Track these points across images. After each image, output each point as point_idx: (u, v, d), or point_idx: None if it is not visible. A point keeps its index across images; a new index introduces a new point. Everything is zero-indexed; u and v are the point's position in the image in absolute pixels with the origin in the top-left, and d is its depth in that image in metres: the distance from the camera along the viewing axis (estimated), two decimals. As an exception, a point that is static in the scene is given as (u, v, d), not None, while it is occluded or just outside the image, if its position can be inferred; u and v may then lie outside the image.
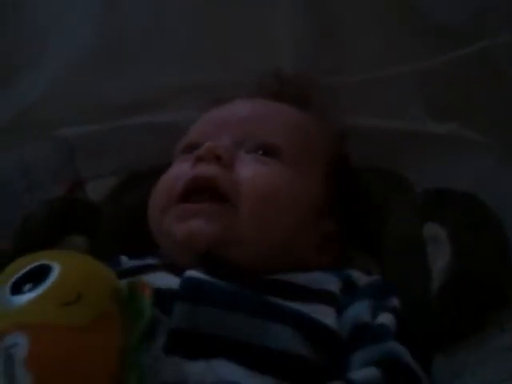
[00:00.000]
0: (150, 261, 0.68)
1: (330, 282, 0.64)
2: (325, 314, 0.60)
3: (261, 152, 0.70)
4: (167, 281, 0.60)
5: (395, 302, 0.63)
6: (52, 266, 0.49)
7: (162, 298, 0.55)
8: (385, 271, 0.72)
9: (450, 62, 0.81)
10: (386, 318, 0.60)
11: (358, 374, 0.54)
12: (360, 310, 0.61)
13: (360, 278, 0.66)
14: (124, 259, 0.69)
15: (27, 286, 0.48)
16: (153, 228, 0.71)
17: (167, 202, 0.68)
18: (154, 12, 0.87)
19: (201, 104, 0.80)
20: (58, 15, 0.87)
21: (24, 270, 0.50)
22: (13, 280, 0.49)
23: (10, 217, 0.77)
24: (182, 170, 0.69)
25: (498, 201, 0.70)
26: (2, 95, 0.86)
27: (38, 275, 0.49)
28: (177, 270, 0.62)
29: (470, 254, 0.65)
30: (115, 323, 0.49)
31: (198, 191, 0.66)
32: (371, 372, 0.54)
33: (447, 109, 0.82)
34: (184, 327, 0.55)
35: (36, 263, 0.50)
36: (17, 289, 0.48)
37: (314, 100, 0.80)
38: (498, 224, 0.67)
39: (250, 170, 0.67)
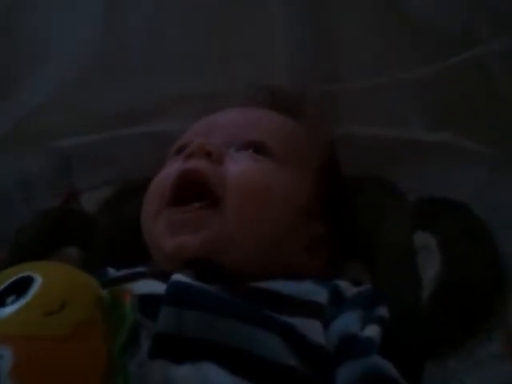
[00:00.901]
0: (139, 269, 0.68)
1: (319, 293, 0.64)
2: (312, 329, 0.60)
3: (252, 150, 0.70)
4: (155, 287, 0.61)
5: (382, 311, 0.63)
6: (34, 278, 0.50)
7: (149, 303, 0.55)
8: (376, 279, 0.72)
9: (446, 70, 0.81)
10: (372, 330, 0.60)
11: None
12: (348, 322, 0.61)
13: (348, 288, 0.66)
14: (111, 271, 0.70)
15: (10, 299, 0.49)
16: (145, 235, 0.71)
17: (159, 205, 0.68)
18: (153, 23, 0.88)
19: (198, 113, 0.81)
20: (57, 27, 0.88)
21: (6, 283, 0.50)
22: None
23: (8, 228, 0.78)
24: (171, 169, 0.70)
25: (494, 209, 0.71)
26: (3, 106, 0.87)
27: (20, 287, 0.49)
28: (165, 277, 0.62)
29: (459, 263, 0.66)
30: (99, 330, 0.49)
31: (187, 185, 0.67)
32: None
33: (443, 117, 0.82)
34: (170, 331, 0.56)
35: (18, 275, 0.51)
36: (0, 301, 0.49)
37: (305, 113, 0.81)
38: (487, 233, 0.68)
39: (239, 166, 0.68)
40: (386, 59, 0.84)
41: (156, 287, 0.60)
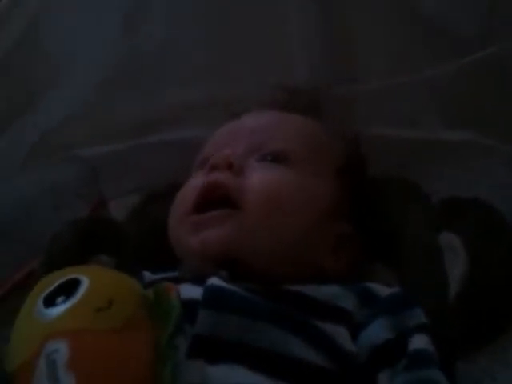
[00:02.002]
0: (173, 273, 0.70)
1: (346, 299, 0.65)
2: (340, 335, 0.61)
3: (270, 158, 0.71)
4: (192, 291, 0.62)
5: (421, 315, 0.63)
6: (81, 279, 0.53)
7: (188, 308, 0.57)
8: (402, 280, 0.72)
9: (461, 69, 0.82)
10: (420, 341, 0.60)
11: None
12: (380, 329, 0.61)
13: (380, 289, 0.66)
14: (147, 274, 0.71)
15: (60, 299, 0.51)
16: (172, 241, 0.73)
17: (184, 213, 0.70)
18: (170, 32, 0.89)
19: (219, 120, 0.82)
20: (80, 41, 0.89)
21: (54, 285, 0.53)
22: (44, 294, 0.52)
23: (38, 237, 0.80)
24: (196, 181, 0.71)
25: None
26: (26, 120, 0.88)
27: (68, 289, 0.52)
28: (200, 281, 0.63)
29: (484, 262, 0.67)
30: (145, 324, 0.52)
31: (210, 198, 0.68)
32: None
33: (460, 116, 0.83)
34: (207, 333, 0.57)
35: (65, 278, 0.53)
36: (49, 302, 0.51)
37: (324, 110, 0.81)
38: (511, 230, 0.69)
39: (257, 176, 0.69)
40: (402, 59, 0.85)
41: (192, 291, 0.62)
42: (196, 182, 0.71)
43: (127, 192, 0.90)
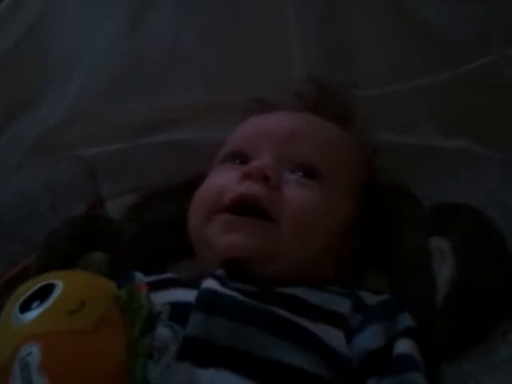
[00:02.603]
0: (167, 275, 0.72)
1: (342, 304, 0.66)
2: (334, 338, 0.63)
3: (301, 173, 0.72)
4: (185, 294, 0.64)
5: (407, 319, 0.65)
6: (55, 283, 0.55)
7: (180, 310, 0.59)
8: (392, 283, 0.74)
9: (458, 77, 0.82)
10: (404, 345, 0.61)
11: None
12: (371, 337, 0.63)
13: (369, 297, 0.68)
14: (138, 275, 0.70)
15: (35, 304, 0.53)
16: (192, 232, 0.74)
17: (212, 209, 0.71)
18: (174, 34, 0.89)
19: (221, 122, 0.84)
20: (80, 41, 0.90)
21: (31, 291, 0.54)
22: (21, 300, 0.54)
23: (36, 234, 0.81)
24: (227, 181, 0.72)
25: (508, 215, 0.73)
26: (26, 118, 0.89)
27: (43, 293, 0.54)
28: (195, 284, 0.65)
29: (471, 265, 0.68)
30: (118, 323, 0.53)
31: (242, 207, 0.69)
32: None
33: (457, 124, 0.83)
34: (198, 335, 0.59)
35: (41, 283, 0.55)
36: (25, 307, 0.53)
37: (352, 114, 0.82)
38: (500, 235, 0.70)
39: (294, 194, 0.70)
40: (400, 67, 0.85)
41: (186, 295, 0.64)
42: (225, 182, 0.72)
43: (125, 192, 0.91)
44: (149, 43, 0.89)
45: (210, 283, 0.64)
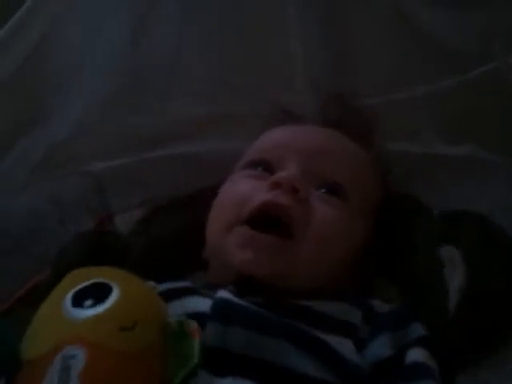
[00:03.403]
0: (183, 284, 0.69)
1: (353, 314, 0.65)
2: (345, 347, 0.61)
3: (325, 190, 0.71)
4: (201, 304, 0.62)
5: (420, 329, 0.63)
6: (112, 287, 0.51)
7: (199, 320, 0.56)
8: (404, 293, 0.73)
9: (462, 84, 0.81)
10: (416, 354, 0.60)
11: None
12: (381, 346, 0.62)
13: (381, 306, 0.67)
14: (150, 284, 0.69)
15: (88, 302, 0.50)
16: (210, 240, 0.72)
17: (235, 218, 0.68)
18: (176, 47, 0.88)
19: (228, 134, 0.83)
20: (84, 55, 0.88)
21: (84, 284, 0.52)
22: (73, 292, 0.51)
23: (45, 250, 0.79)
24: (250, 189, 0.70)
25: None
26: (33, 135, 0.86)
27: (98, 292, 0.51)
28: (209, 294, 0.63)
29: (481, 273, 0.66)
30: (161, 354, 0.51)
31: (268, 217, 0.67)
32: None
33: (461, 131, 0.82)
34: (214, 345, 0.57)
35: (96, 279, 0.52)
36: (77, 301, 0.51)
37: (373, 133, 0.81)
38: (508, 242, 0.68)
39: (320, 211, 0.68)
40: (403, 75, 0.85)
41: (201, 304, 0.62)
42: (250, 189, 0.70)
43: (133, 206, 0.88)
44: (152, 57, 0.88)
45: (223, 293, 0.62)
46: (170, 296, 0.64)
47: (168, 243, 0.80)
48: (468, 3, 0.80)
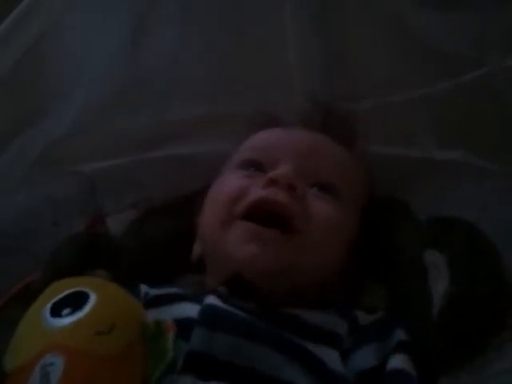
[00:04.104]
0: (173, 290, 0.70)
1: (340, 325, 0.66)
2: (331, 357, 0.62)
3: (318, 189, 0.71)
4: (190, 310, 0.63)
5: (399, 334, 0.64)
6: (89, 294, 0.53)
7: (184, 325, 0.58)
8: (389, 297, 0.73)
9: (456, 88, 0.81)
10: (397, 361, 0.61)
11: None
12: (365, 358, 0.63)
13: (363, 317, 0.68)
14: (144, 288, 0.70)
15: (66, 311, 0.52)
16: (206, 236, 0.73)
17: (229, 215, 0.69)
18: (175, 49, 0.88)
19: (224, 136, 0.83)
20: (82, 54, 0.88)
21: (63, 294, 0.53)
22: (52, 302, 0.53)
23: (40, 250, 0.79)
24: (246, 184, 0.71)
25: (504, 227, 0.73)
26: (30, 134, 0.86)
27: (75, 300, 0.53)
28: (199, 300, 0.64)
29: (465, 279, 0.67)
30: (140, 355, 0.52)
31: (263, 213, 0.67)
32: None
33: (456, 135, 0.82)
34: (200, 350, 0.58)
35: (74, 289, 0.54)
36: (56, 311, 0.52)
37: (356, 137, 0.82)
38: (492, 249, 0.70)
39: (319, 207, 0.69)
40: (397, 78, 0.85)
41: (190, 310, 0.63)
42: (244, 186, 0.70)
43: (126, 207, 0.89)
44: (150, 58, 0.88)
45: (212, 299, 0.63)
46: (159, 302, 0.66)
47: (161, 245, 0.81)
48: (462, 7, 0.80)
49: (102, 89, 0.87)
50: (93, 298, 0.53)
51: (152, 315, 0.58)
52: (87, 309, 0.52)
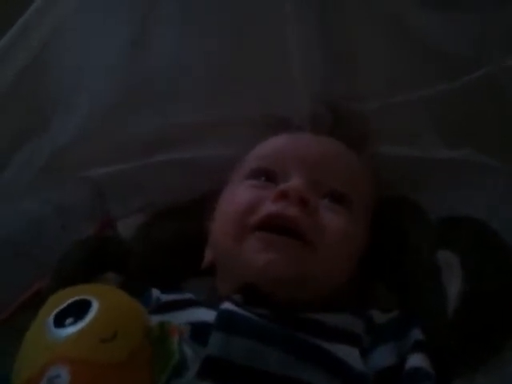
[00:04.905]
0: (188, 295, 0.70)
1: (356, 324, 0.66)
2: (352, 356, 0.63)
3: (330, 199, 0.71)
4: (206, 315, 0.64)
5: (416, 334, 0.65)
6: (91, 302, 0.54)
7: (200, 330, 0.59)
8: (403, 299, 0.73)
9: (458, 88, 0.81)
10: (415, 360, 0.62)
11: None
12: (382, 355, 0.64)
13: (379, 316, 0.69)
14: (155, 292, 0.71)
15: (68, 320, 0.52)
16: (221, 249, 0.73)
17: (241, 229, 0.69)
18: (178, 52, 0.87)
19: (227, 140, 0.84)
20: (85, 57, 0.88)
21: (65, 304, 0.54)
22: (55, 313, 0.53)
23: (48, 256, 0.80)
24: (257, 198, 0.71)
25: (509, 225, 0.72)
26: (35, 142, 0.87)
27: (78, 309, 0.53)
28: (214, 305, 0.65)
29: (478, 278, 0.67)
30: (146, 359, 0.53)
31: (276, 226, 0.67)
32: None
33: (460, 134, 0.82)
34: (218, 355, 0.59)
35: (76, 298, 0.54)
36: (59, 321, 0.53)
37: (366, 140, 0.82)
38: (504, 247, 0.69)
39: (330, 221, 0.69)
40: (400, 78, 0.84)
41: (206, 315, 0.63)
42: (255, 199, 0.70)
43: (134, 211, 0.90)
44: (151, 59, 0.88)
45: (228, 305, 0.64)
46: (172, 307, 0.67)
47: (168, 247, 0.81)
48: (462, 7, 0.80)
49: (104, 92, 0.87)
50: (95, 306, 0.53)
51: (165, 319, 0.58)
52: (89, 317, 0.52)
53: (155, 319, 0.57)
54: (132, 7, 0.87)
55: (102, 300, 0.54)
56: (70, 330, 0.51)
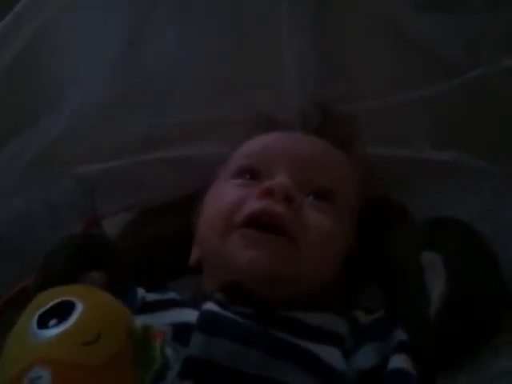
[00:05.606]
0: (170, 295, 0.71)
1: (340, 325, 0.67)
2: (332, 356, 0.63)
3: (315, 196, 0.72)
4: (188, 315, 0.64)
5: (399, 334, 0.66)
6: (75, 303, 0.54)
7: (182, 330, 0.59)
8: (387, 299, 0.74)
9: (452, 89, 0.82)
10: (397, 360, 0.63)
11: None
12: (365, 356, 0.64)
13: (363, 317, 0.69)
14: (141, 291, 0.71)
15: (52, 322, 0.52)
16: (207, 246, 0.73)
17: (226, 226, 0.70)
18: (173, 51, 0.88)
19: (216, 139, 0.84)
20: (80, 53, 0.88)
21: (49, 305, 0.54)
22: (39, 313, 0.53)
23: (36, 254, 0.79)
24: (242, 196, 0.71)
25: (500, 228, 0.73)
26: (25, 135, 0.87)
27: (61, 311, 0.53)
28: (196, 305, 0.65)
29: (462, 280, 0.67)
30: (128, 362, 0.53)
31: (260, 223, 0.68)
32: None
33: (452, 136, 0.83)
34: (199, 355, 0.59)
35: (60, 299, 0.54)
36: (43, 322, 0.52)
37: (353, 140, 0.82)
38: (489, 249, 0.70)
39: (314, 219, 0.70)
40: (393, 80, 0.85)
41: (188, 315, 0.64)
42: (241, 197, 0.71)
43: (122, 209, 0.90)
44: (148, 60, 0.88)
45: (210, 305, 0.64)
46: (156, 307, 0.67)
47: (157, 246, 0.82)
48: (457, 8, 0.81)
49: (100, 90, 0.87)
50: (79, 308, 0.53)
51: (148, 320, 0.58)
52: (73, 319, 0.52)
53: (140, 320, 0.57)
54: (132, 7, 0.87)
55: (86, 301, 0.54)
56: (53, 331, 0.51)
